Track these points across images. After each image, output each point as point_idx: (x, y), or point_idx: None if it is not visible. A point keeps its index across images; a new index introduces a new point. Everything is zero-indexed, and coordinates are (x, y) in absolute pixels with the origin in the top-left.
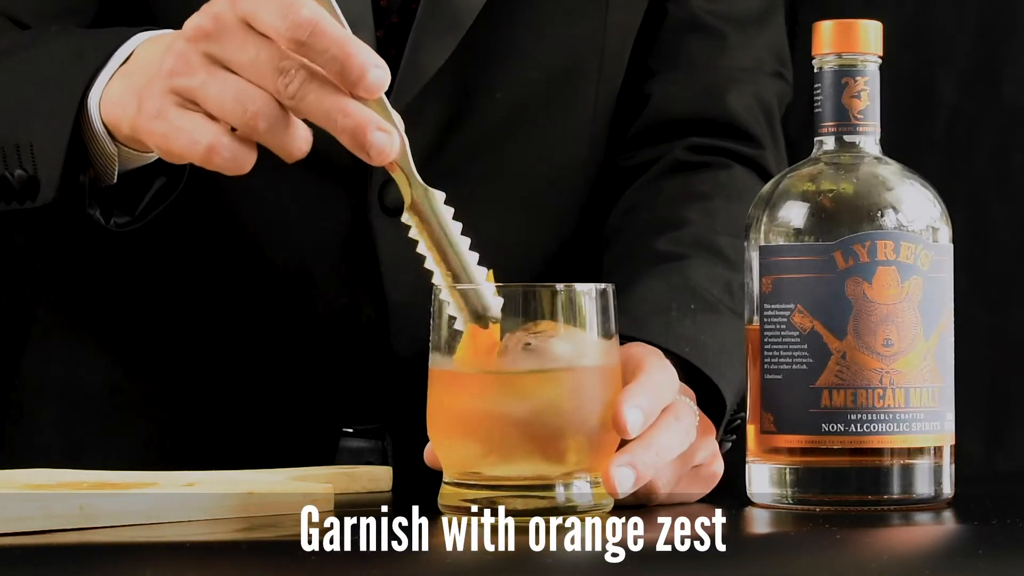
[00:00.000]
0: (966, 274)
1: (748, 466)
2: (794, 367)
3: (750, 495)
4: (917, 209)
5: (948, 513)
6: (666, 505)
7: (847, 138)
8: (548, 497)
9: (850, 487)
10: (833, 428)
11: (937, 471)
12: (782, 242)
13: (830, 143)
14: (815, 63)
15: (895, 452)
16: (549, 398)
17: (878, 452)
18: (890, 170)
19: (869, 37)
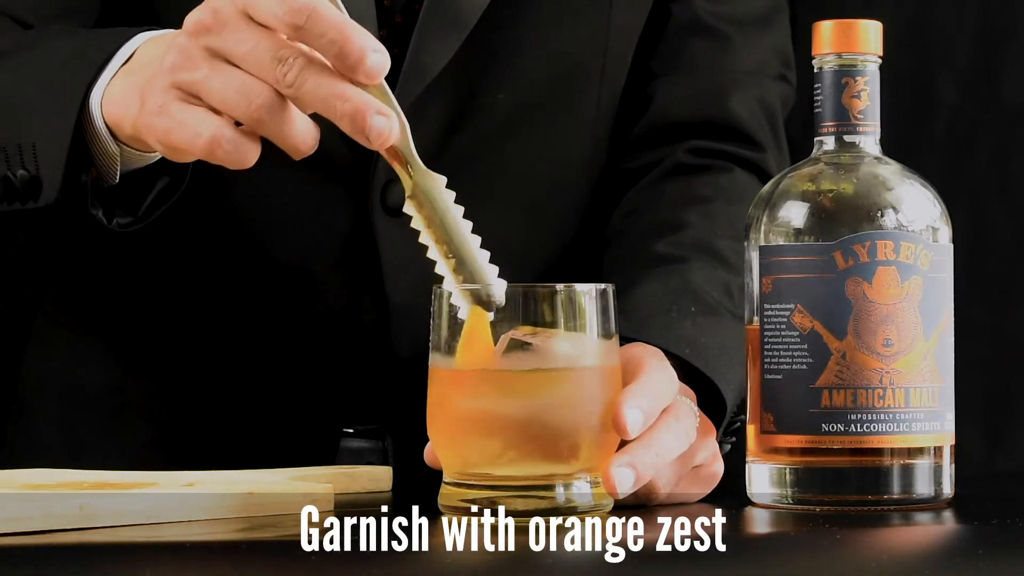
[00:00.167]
0: (966, 274)
1: (748, 466)
2: (794, 367)
3: (750, 495)
4: (917, 209)
5: (948, 513)
6: (666, 505)
7: (847, 138)
8: (548, 497)
9: (850, 487)
10: (833, 428)
11: (937, 471)
12: (782, 242)
13: (830, 143)
14: (815, 63)
15: (895, 452)
16: (549, 398)
17: (878, 452)
18: (890, 170)
19: (869, 37)
